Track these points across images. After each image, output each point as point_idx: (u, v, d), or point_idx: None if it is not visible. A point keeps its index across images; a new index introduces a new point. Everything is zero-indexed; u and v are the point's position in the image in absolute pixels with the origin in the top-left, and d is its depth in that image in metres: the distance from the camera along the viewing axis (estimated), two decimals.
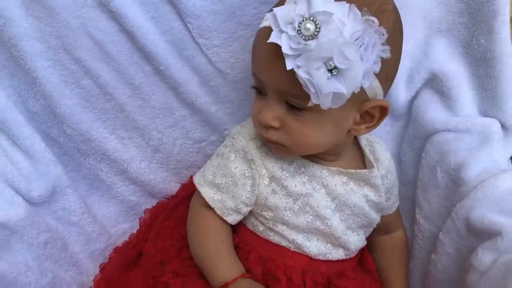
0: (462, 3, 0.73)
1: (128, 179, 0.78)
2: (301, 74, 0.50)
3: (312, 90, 0.51)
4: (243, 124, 0.68)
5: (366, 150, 0.68)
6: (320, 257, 0.66)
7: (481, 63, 0.73)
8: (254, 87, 0.62)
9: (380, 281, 0.73)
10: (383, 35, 0.52)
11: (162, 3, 0.69)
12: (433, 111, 0.75)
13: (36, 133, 0.71)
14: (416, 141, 0.77)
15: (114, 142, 0.75)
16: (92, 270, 0.75)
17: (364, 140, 0.69)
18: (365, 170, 0.66)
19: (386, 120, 0.79)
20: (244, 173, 0.64)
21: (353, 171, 0.65)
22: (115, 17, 0.68)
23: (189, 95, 0.74)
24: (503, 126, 0.73)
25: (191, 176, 0.78)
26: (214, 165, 0.66)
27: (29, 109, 0.71)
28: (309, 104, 0.52)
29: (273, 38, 0.51)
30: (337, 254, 0.67)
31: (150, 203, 0.80)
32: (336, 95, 0.51)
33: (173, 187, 0.81)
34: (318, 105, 0.52)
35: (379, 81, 0.57)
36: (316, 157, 0.65)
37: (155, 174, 0.79)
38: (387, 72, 0.57)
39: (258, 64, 0.59)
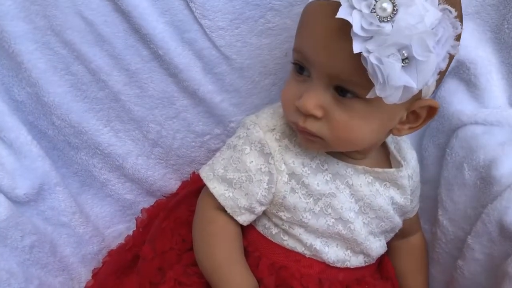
0: None
1: (123, 176, 0.76)
2: (372, 60, 0.46)
3: (380, 79, 0.47)
4: (259, 114, 0.65)
5: (392, 148, 0.66)
6: (338, 265, 0.63)
7: None
8: (295, 63, 0.57)
9: None
10: (457, 29, 0.50)
11: None
12: (458, 102, 0.73)
13: (21, 124, 0.68)
14: (440, 136, 0.74)
15: (108, 135, 0.73)
16: (84, 275, 0.73)
17: (389, 137, 0.66)
18: (393, 169, 0.64)
19: None
20: (261, 168, 0.61)
21: (380, 170, 0.63)
22: None
23: (191, 83, 0.72)
24: None
25: (193, 173, 0.78)
26: (225, 157, 0.63)
27: (14, 98, 0.69)
28: (369, 96, 0.49)
29: (342, 14, 0.47)
30: (356, 261, 0.64)
31: (148, 202, 0.78)
32: (405, 89, 0.48)
33: (173, 184, 0.79)
34: (375, 97, 0.49)
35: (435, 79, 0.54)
36: (341, 153, 0.62)
37: (154, 170, 0.77)
38: (444, 70, 0.54)
39: (311, 40, 0.54)
